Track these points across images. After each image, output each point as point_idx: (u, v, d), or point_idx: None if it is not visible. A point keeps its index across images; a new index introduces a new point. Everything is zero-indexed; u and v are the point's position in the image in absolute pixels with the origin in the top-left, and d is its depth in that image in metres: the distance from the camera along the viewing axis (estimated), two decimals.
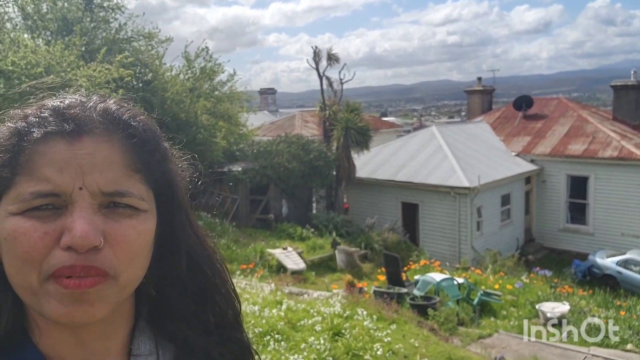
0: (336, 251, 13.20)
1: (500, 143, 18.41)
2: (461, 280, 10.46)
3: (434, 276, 10.39)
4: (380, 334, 5.74)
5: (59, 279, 0.57)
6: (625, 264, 13.17)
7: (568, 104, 19.88)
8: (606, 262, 13.48)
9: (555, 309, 9.05)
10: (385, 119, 41.31)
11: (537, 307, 9.42)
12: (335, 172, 17.23)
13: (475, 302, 9.67)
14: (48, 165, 0.58)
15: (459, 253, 14.85)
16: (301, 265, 11.98)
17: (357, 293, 8.74)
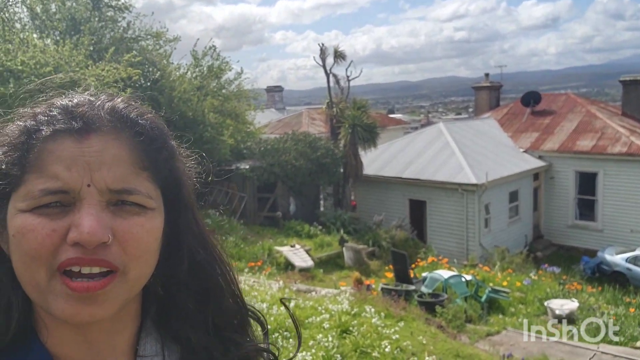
0: (344, 248, 13.21)
1: (508, 139, 18.31)
2: (469, 278, 10.42)
3: (442, 273, 10.37)
4: (388, 331, 5.75)
5: (66, 280, 0.57)
6: (634, 260, 13.08)
7: (576, 99, 19.73)
8: (615, 258, 13.40)
9: (564, 306, 9.02)
10: (393, 115, 41.27)
11: (546, 304, 9.39)
12: (342, 170, 17.21)
13: (483, 299, 9.64)
14: (56, 162, 0.58)
15: (466, 250, 14.81)
16: (309, 262, 11.98)
17: (365, 290, 8.73)
